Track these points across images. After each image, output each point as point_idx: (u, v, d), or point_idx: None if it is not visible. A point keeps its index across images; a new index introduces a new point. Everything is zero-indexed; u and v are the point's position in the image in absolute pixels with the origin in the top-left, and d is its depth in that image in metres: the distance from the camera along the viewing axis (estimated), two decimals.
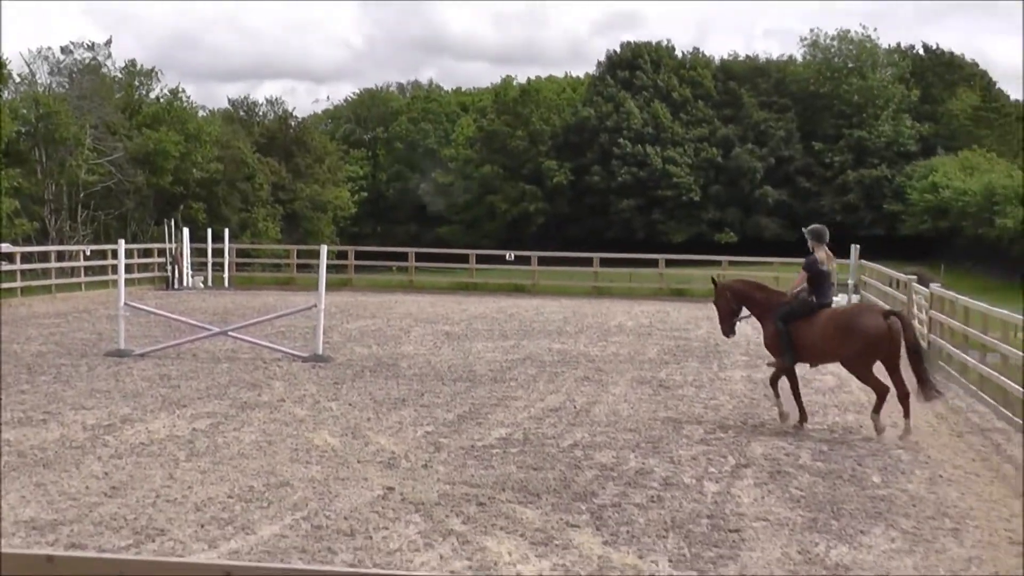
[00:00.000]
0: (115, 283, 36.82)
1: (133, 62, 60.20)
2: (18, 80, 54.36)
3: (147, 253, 43.36)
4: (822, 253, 15.28)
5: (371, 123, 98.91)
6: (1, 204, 43.35)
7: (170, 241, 42.30)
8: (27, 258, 38.13)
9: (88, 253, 40.41)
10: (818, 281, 15.19)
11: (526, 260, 43.29)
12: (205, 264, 43.06)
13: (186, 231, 42.77)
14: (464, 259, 44.55)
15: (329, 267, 25.55)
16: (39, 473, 11.59)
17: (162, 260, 42.50)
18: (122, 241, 24.11)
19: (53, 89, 53.45)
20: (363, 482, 11.52)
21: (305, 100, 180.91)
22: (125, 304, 22.33)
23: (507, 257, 43.09)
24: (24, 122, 49.87)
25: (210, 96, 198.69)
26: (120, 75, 59.03)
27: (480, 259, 43.93)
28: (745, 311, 15.82)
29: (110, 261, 39.74)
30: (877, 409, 14.67)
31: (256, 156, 61.73)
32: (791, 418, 15.24)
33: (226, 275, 42.78)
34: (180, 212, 52.70)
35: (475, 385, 18.34)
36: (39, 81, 54.46)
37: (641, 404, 16.70)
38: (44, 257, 39.67)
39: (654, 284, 41.75)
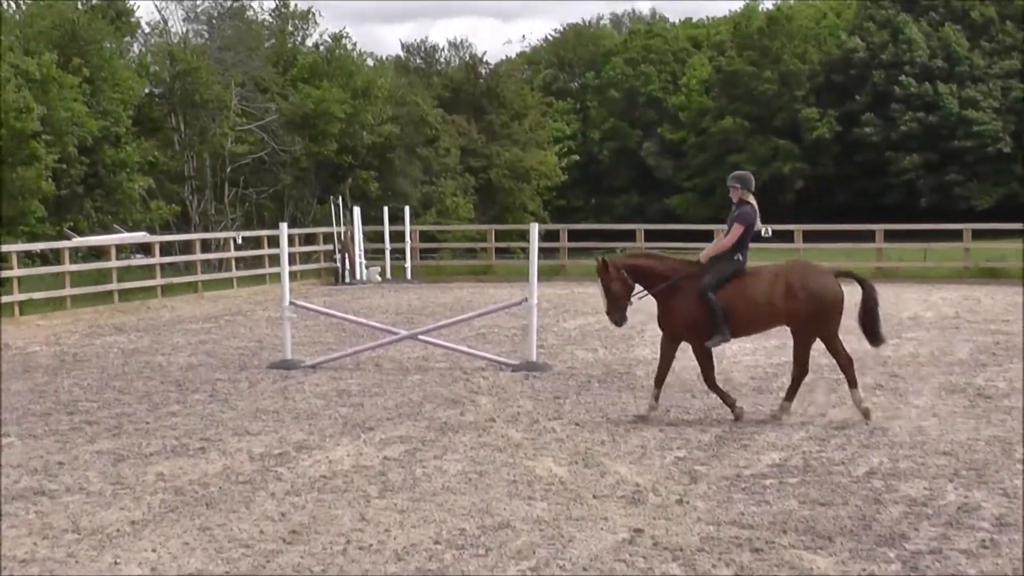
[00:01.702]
0: (274, 278, 37.95)
1: (285, 3, 61.50)
2: (148, 30, 56.30)
3: (310, 239, 44.39)
4: (753, 203, 16.68)
5: (579, 67, 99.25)
6: (134, 184, 44.85)
7: (338, 223, 43.22)
8: (167, 249, 39.41)
9: (239, 241, 41.53)
10: (747, 238, 16.47)
11: (787, 235, 42.75)
12: (382, 251, 43.83)
13: (357, 211, 43.60)
14: (706, 236, 44.23)
15: (538, 251, 25.64)
16: (202, 514, 11.87)
17: (329, 247, 43.45)
18: (283, 225, 24.54)
19: (190, 40, 55.05)
20: (602, 522, 11.46)
21: (493, 41, 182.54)
22: (290, 303, 22.79)
23: (762, 232, 42.56)
24: (157, 82, 51.57)
25: (376, 41, 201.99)
26: (270, 19, 60.45)
27: None
28: (637, 290, 16.59)
29: (267, 250, 40.85)
30: (852, 383, 16.32)
31: (439, 114, 62.42)
32: (745, 412, 16.62)
33: (408, 264, 43.47)
34: (348, 186, 53.73)
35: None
36: (173, 31, 56.21)
37: (955, 419, 16.25)
38: (187, 247, 40.93)
39: (957, 263, 40.82)
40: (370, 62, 65.57)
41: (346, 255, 42.32)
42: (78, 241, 37.79)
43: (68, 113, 40.23)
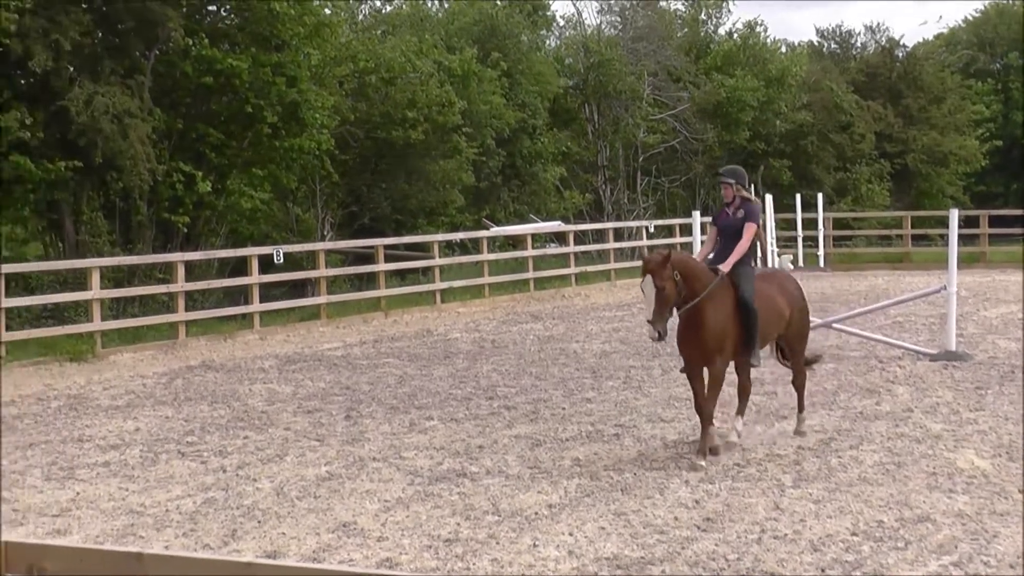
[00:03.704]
0: None
1: None
2: (562, 24, 57.34)
3: None
4: (754, 198, 14.74)
5: (1000, 48, 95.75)
6: (548, 174, 45.73)
7: None
8: (580, 238, 40.09)
9: (652, 230, 41.87)
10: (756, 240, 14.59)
11: None
12: (794, 239, 43.43)
13: (769, 198, 43.24)
14: None
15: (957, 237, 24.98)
16: (617, 500, 12.03)
17: None
18: (696, 213, 24.74)
19: (603, 31, 55.74)
20: None
21: (910, 23, 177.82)
22: None
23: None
24: (571, 73, 52.42)
25: (790, 26, 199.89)
26: (682, 8, 60.65)
27: None
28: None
29: (679, 239, 41.05)
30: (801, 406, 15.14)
31: (854, 99, 61.39)
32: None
33: (821, 252, 43.00)
34: (760, 174, 53.40)
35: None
36: (587, 23, 57.06)
37: None
38: (600, 236, 41.54)
39: None
40: (784, 49, 64.92)
41: (758, 243, 42.16)
42: (495, 230, 38.81)
43: (487, 106, 41.33)
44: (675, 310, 13.68)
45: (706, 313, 13.61)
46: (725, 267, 13.86)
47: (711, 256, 14.36)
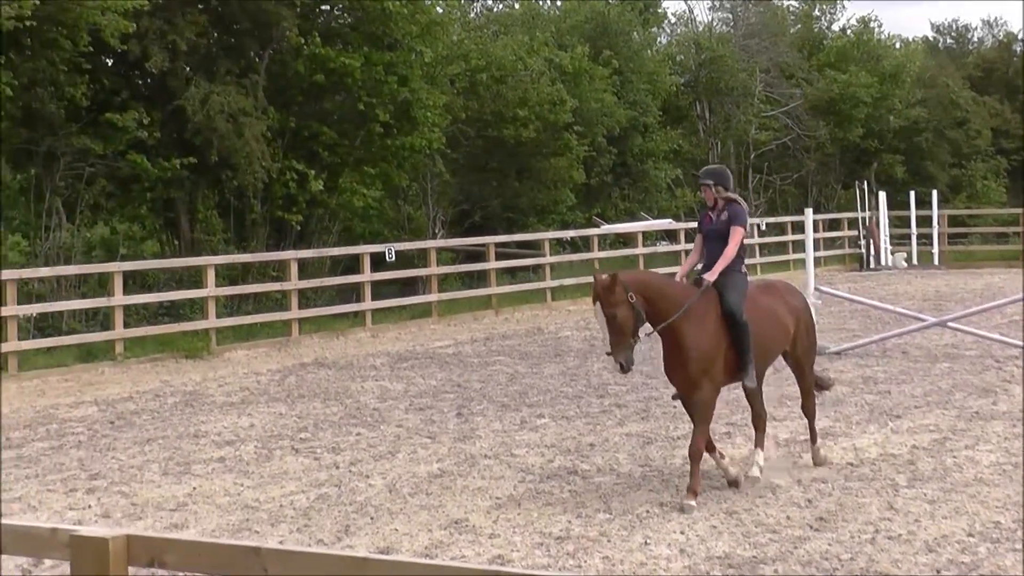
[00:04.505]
0: (798, 263, 37.87)
1: None
2: (674, 21, 57.20)
3: (834, 225, 44.09)
4: (740, 200, 13.04)
5: None
6: (660, 172, 45.66)
7: (862, 209, 42.74)
8: (691, 236, 39.97)
9: (763, 227, 41.66)
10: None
11: None
12: (908, 236, 43.05)
13: (882, 195, 43.06)
14: None
15: None
16: (729, 499, 12.00)
17: (853, 233, 43.07)
18: (809, 211, 24.68)
19: (715, 28, 55.55)
20: None
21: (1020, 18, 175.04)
22: (815, 290, 22.73)
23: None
24: (683, 71, 52.26)
25: (904, 22, 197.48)
26: (795, 5, 60.25)
27: None
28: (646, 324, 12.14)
29: (790, 236, 40.90)
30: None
31: (970, 95, 60.67)
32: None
33: (935, 249, 42.60)
34: (873, 171, 52.95)
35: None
36: (698, 20, 56.89)
37: None
38: None
39: None
40: (898, 44, 64.31)
41: (871, 240, 41.84)
42: (606, 228, 38.79)
43: (598, 104, 41.32)
44: (639, 336, 12.27)
45: (685, 332, 12.08)
46: (710, 276, 12.36)
47: (700, 266, 12.89)
